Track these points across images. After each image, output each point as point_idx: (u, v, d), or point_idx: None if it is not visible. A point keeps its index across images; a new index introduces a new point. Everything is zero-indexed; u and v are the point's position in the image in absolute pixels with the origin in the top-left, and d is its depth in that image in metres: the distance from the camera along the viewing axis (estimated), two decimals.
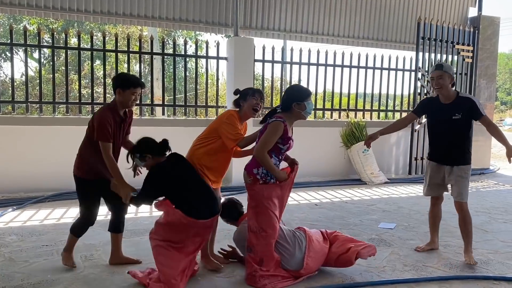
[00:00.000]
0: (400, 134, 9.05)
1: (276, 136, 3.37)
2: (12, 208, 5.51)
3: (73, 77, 13.75)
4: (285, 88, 3.82)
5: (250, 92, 3.68)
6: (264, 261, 3.40)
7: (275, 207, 3.43)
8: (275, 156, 3.45)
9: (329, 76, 8.59)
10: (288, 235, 3.59)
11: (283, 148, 3.45)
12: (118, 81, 3.55)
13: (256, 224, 3.43)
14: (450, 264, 3.95)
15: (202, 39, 16.18)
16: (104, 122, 3.38)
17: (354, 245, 3.65)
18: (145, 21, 7.48)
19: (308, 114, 3.54)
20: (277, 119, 3.40)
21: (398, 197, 6.93)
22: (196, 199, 3.24)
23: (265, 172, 3.40)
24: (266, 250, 3.41)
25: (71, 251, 3.69)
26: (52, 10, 6.81)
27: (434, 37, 8.74)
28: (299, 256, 3.50)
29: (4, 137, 6.25)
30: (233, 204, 3.89)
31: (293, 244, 3.54)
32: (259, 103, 3.65)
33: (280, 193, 3.46)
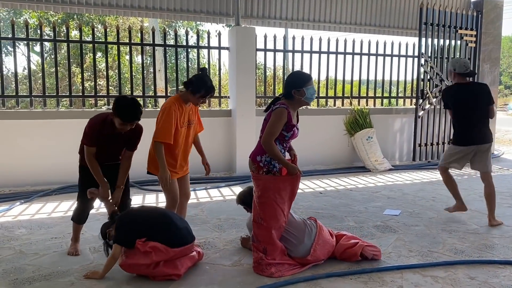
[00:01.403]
0: (404, 120, 9.04)
1: (281, 123, 3.39)
2: (20, 202, 5.56)
3: (75, 70, 13.75)
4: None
5: (203, 91, 3.70)
6: (267, 250, 3.44)
7: (281, 200, 3.45)
8: (280, 144, 3.47)
9: (332, 63, 8.58)
10: (298, 222, 3.63)
11: (287, 135, 3.46)
12: (117, 107, 3.47)
13: (257, 214, 3.48)
14: (455, 249, 3.98)
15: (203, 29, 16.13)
16: (88, 129, 3.60)
17: (361, 241, 3.72)
18: (146, 12, 7.45)
19: (309, 99, 3.51)
20: (280, 106, 3.43)
21: (402, 184, 6.94)
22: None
23: (268, 160, 3.43)
24: (268, 239, 3.44)
25: (76, 240, 3.87)
26: (53, 4, 6.78)
27: (436, 22, 8.67)
28: (308, 244, 3.54)
29: (9, 132, 6.28)
30: (250, 192, 3.87)
31: (302, 232, 3.57)
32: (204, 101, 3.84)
33: (289, 186, 3.46)
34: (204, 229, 4.53)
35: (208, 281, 3.29)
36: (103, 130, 3.55)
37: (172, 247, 3.30)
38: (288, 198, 3.51)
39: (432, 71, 8.78)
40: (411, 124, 8.91)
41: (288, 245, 3.55)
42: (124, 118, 3.44)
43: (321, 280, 3.30)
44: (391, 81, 9.20)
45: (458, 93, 4.75)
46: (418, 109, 8.64)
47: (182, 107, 3.74)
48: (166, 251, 3.27)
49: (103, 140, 3.58)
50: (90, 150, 3.59)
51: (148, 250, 3.25)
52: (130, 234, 3.30)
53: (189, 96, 3.73)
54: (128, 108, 3.46)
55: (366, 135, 8.10)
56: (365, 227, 4.63)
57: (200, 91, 3.68)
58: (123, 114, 3.43)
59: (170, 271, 3.29)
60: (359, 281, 3.29)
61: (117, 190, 3.72)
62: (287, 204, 3.51)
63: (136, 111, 3.49)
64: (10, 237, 4.26)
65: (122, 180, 3.74)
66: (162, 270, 3.28)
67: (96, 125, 3.57)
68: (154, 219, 3.42)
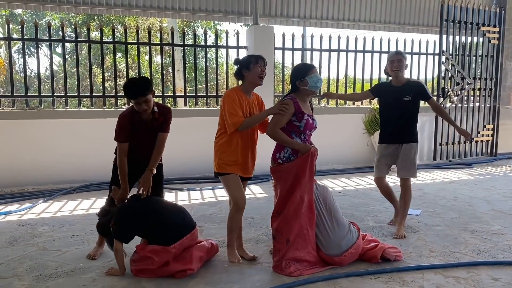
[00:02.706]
0: (424, 119, 8.90)
1: (285, 114, 3.40)
2: (43, 200, 5.68)
3: (96, 70, 13.96)
4: None
5: (253, 60, 3.51)
6: (290, 240, 3.40)
7: (299, 186, 3.40)
8: (296, 137, 3.49)
9: (351, 62, 8.51)
10: (343, 223, 3.59)
11: (300, 125, 3.46)
12: (123, 89, 3.56)
13: (277, 207, 3.49)
14: (478, 249, 3.90)
15: (221, 29, 16.17)
16: (117, 124, 3.58)
17: (382, 244, 3.68)
18: (165, 12, 7.52)
19: (314, 88, 3.50)
20: (286, 98, 3.52)
21: (423, 183, 6.85)
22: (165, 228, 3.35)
23: (287, 156, 3.46)
24: (289, 229, 3.41)
25: (100, 244, 3.81)
26: (74, 5, 6.90)
27: (458, 19, 8.51)
28: (343, 247, 3.49)
29: (32, 131, 6.41)
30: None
31: (343, 234, 3.52)
32: (264, 70, 3.52)
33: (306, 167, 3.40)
34: (223, 227, 4.51)
35: (227, 279, 3.30)
36: (133, 120, 3.54)
37: (169, 245, 3.29)
38: (308, 180, 3.43)
39: (453, 69, 8.63)
40: (431, 122, 8.77)
41: (323, 239, 3.50)
42: (128, 95, 3.46)
43: (340, 280, 3.28)
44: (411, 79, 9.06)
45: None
46: None
47: (243, 98, 3.51)
48: (165, 251, 3.28)
49: (135, 131, 3.55)
50: (122, 147, 3.56)
51: (148, 255, 3.29)
52: (128, 230, 3.32)
53: (248, 75, 3.51)
54: (128, 86, 3.46)
55: None
56: (385, 227, 4.58)
57: (250, 60, 3.51)
58: (126, 92, 3.47)
59: (181, 266, 3.31)
60: (379, 281, 3.25)
61: (147, 173, 3.53)
62: (307, 190, 3.44)
63: (135, 85, 3.42)
64: (34, 234, 4.35)
65: (154, 163, 3.57)
66: (173, 268, 3.30)
67: (124, 118, 3.56)
68: (146, 216, 3.35)
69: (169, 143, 3.81)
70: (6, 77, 13.99)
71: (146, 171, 3.56)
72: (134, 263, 3.36)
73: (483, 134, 9.20)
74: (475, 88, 9.04)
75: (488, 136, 9.25)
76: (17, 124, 6.35)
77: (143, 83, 3.46)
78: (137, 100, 3.42)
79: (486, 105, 9.20)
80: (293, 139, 3.46)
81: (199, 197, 5.99)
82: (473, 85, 8.95)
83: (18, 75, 14.29)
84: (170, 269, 3.30)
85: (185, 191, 6.27)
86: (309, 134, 3.58)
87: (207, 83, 7.95)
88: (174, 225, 3.39)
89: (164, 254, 3.28)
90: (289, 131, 3.47)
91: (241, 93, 3.53)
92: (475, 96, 9.05)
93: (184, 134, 6.98)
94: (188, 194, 6.12)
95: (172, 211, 3.53)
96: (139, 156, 3.63)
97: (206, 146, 5.00)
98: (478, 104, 9.11)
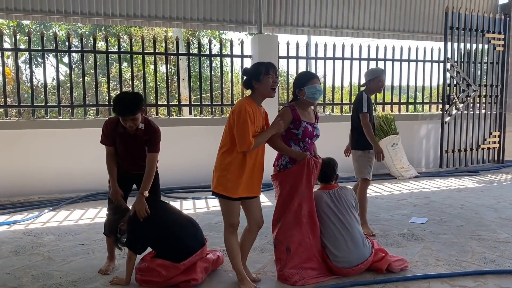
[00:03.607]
0: (429, 127, 8.88)
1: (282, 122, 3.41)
2: (48, 209, 5.70)
3: (102, 79, 14.06)
4: None
5: (263, 70, 3.18)
6: (290, 248, 3.39)
7: (297, 193, 3.39)
8: (295, 145, 3.48)
9: (355, 70, 8.51)
10: (356, 235, 3.50)
11: (298, 132, 3.45)
12: (113, 101, 3.52)
13: (275, 216, 3.50)
14: (485, 258, 3.86)
15: (226, 38, 16.26)
16: (102, 129, 3.64)
17: (388, 256, 3.63)
18: (170, 22, 7.57)
19: (311, 99, 3.48)
20: (284, 106, 3.56)
21: (429, 191, 6.80)
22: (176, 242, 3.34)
23: (284, 163, 3.48)
24: (289, 238, 3.40)
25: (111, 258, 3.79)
26: (81, 16, 6.97)
27: (463, 27, 8.51)
28: (354, 262, 3.43)
29: (38, 141, 6.45)
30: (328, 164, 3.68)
31: (355, 246, 3.45)
32: (276, 80, 3.20)
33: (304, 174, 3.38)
34: None
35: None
36: (117, 128, 3.53)
37: (179, 262, 3.29)
38: (306, 188, 3.41)
39: (458, 76, 8.61)
40: (437, 130, 8.74)
41: (334, 250, 3.45)
42: (116, 111, 3.38)
43: None
44: (416, 87, 9.06)
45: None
46: (445, 115, 8.47)
47: (255, 109, 3.21)
48: (174, 267, 3.28)
49: (119, 139, 3.56)
50: (108, 150, 3.63)
51: (157, 269, 3.28)
52: (141, 242, 3.33)
53: (259, 87, 3.21)
54: (118, 101, 3.37)
55: (391, 141, 7.98)
56: (391, 235, 4.55)
57: (260, 69, 3.19)
58: (115, 107, 3.39)
59: (185, 277, 3.30)
60: None
61: (138, 197, 3.37)
62: (305, 198, 3.42)
63: (125, 103, 3.33)
64: (39, 244, 4.36)
65: (144, 186, 3.41)
66: (178, 279, 3.30)
67: (109, 125, 3.58)
68: (160, 230, 3.34)
69: (174, 152, 3.83)
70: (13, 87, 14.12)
71: (138, 195, 3.38)
72: (141, 272, 3.36)
73: (489, 141, 9.14)
74: (481, 95, 9.00)
75: (494, 143, 9.19)
76: (24, 133, 6.39)
77: (134, 102, 3.35)
78: (124, 118, 3.36)
79: (492, 112, 9.15)
80: (291, 147, 3.45)
81: (204, 206, 5.99)
82: (478, 92, 8.91)
83: (25, 85, 14.42)
84: (175, 280, 3.30)
85: (190, 200, 6.27)
86: (310, 142, 3.54)
87: (212, 91, 7.99)
88: (186, 243, 3.38)
89: (173, 269, 3.28)
90: (287, 138, 3.47)
91: (255, 105, 3.23)
92: (481, 103, 9.01)
93: (189, 143, 7.00)
94: (193, 203, 6.12)
95: (187, 225, 3.50)
96: (130, 162, 3.63)
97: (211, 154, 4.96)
98: (484, 111, 9.06)
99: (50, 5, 6.72)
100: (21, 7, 6.60)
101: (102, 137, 3.64)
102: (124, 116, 3.35)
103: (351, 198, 3.63)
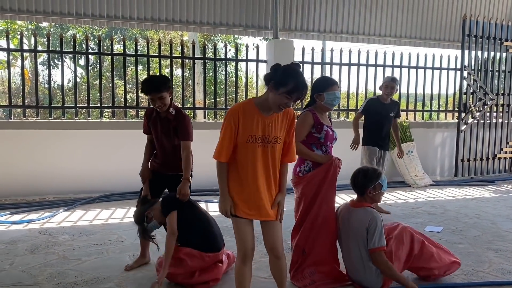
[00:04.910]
0: (445, 135, 8.78)
1: (304, 126, 3.41)
2: (63, 209, 5.75)
3: (118, 82, 14.19)
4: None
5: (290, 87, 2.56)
6: (306, 251, 3.38)
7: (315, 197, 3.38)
8: (318, 149, 3.46)
9: (371, 76, 8.47)
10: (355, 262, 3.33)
11: (320, 136, 3.43)
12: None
13: (298, 220, 3.47)
14: (502, 269, 3.80)
15: (241, 43, 16.32)
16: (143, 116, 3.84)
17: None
18: (186, 26, 7.63)
19: (329, 105, 3.48)
20: (304, 111, 3.51)
21: (444, 200, 6.72)
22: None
23: (307, 169, 3.44)
24: (310, 242, 3.38)
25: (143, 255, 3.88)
26: (99, 18, 7.06)
27: (480, 34, 8.42)
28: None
29: (54, 141, 6.53)
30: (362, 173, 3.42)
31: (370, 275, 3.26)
32: (289, 105, 2.62)
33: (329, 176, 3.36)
34: None
35: None
36: (151, 114, 3.73)
37: (206, 252, 3.32)
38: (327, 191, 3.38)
39: (475, 84, 8.51)
40: (453, 138, 8.64)
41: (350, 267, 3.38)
42: (143, 90, 3.59)
43: None
44: (432, 95, 8.98)
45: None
46: (461, 123, 8.38)
47: (254, 114, 2.65)
48: (200, 257, 3.29)
49: (153, 128, 3.71)
50: (147, 137, 3.84)
51: (182, 257, 3.29)
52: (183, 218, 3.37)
53: (270, 93, 2.61)
54: (145, 81, 3.63)
55: (406, 149, 7.90)
56: None
57: (287, 83, 2.55)
58: (142, 87, 3.61)
59: (207, 277, 3.32)
60: None
61: (182, 182, 3.53)
62: (326, 201, 3.40)
63: (152, 82, 3.57)
64: (54, 243, 4.40)
65: (186, 172, 3.59)
66: (199, 279, 3.30)
67: (147, 111, 3.81)
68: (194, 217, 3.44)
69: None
70: (30, 88, 14.33)
71: (182, 180, 3.55)
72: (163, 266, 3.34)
73: (506, 151, 9.01)
74: (498, 104, 8.89)
75: (511, 153, 9.06)
76: (41, 134, 6.48)
77: (160, 81, 3.57)
78: (150, 96, 3.53)
79: (509, 121, 9.03)
80: (313, 151, 3.44)
81: (217, 209, 5.97)
82: (495, 100, 8.80)
83: (42, 87, 14.63)
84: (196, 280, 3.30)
85: (203, 203, 6.28)
86: (330, 145, 3.54)
87: (226, 96, 8.01)
88: (214, 234, 3.44)
89: (197, 259, 3.29)
90: (309, 143, 3.45)
91: (254, 109, 2.67)
92: (497, 112, 8.90)
93: (203, 146, 6.99)
94: (206, 206, 6.12)
95: (213, 221, 3.59)
96: (161, 157, 3.75)
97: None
98: (501, 120, 8.95)
99: (70, 7, 6.83)
100: (42, 9, 6.71)
101: (144, 124, 3.82)
102: (150, 94, 3.51)
103: (359, 225, 3.26)
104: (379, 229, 3.16)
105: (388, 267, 3.11)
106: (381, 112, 5.71)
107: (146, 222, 3.42)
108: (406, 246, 3.34)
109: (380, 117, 5.70)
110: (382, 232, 3.18)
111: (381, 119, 5.71)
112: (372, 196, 3.33)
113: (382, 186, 3.35)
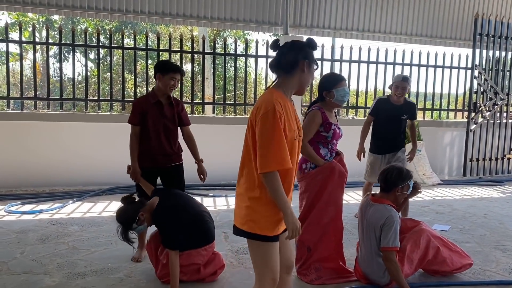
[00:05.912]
0: (454, 134, 8.74)
1: (313, 125, 3.39)
2: (73, 200, 5.82)
3: (127, 76, 14.27)
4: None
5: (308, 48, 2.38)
6: (311, 248, 3.40)
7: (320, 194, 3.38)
8: (324, 147, 3.46)
9: (380, 74, 8.44)
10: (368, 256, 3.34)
11: (328, 135, 3.43)
12: (159, 67, 3.75)
13: (302, 216, 3.47)
14: (509, 268, 3.80)
15: (250, 38, 16.31)
16: (132, 106, 3.75)
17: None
18: (197, 21, 7.64)
19: (340, 101, 3.45)
20: (313, 109, 3.46)
21: (451, 199, 6.70)
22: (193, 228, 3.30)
23: (313, 166, 3.43)
24: (315, 239, 3.39)
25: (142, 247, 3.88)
26: (110, 12, 7.09)
27: (492, 33, 8.35)
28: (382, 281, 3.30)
29: (64, 133, 6.60)
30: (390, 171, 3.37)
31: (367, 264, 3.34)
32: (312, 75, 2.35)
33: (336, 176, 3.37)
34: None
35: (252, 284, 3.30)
36: (148, 100, 3.70)
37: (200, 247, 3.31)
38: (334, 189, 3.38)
39: (486, 83, 8.46)
40: (462, 138, 8.60)
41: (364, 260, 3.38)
42: (166, 67, 3.66)
43: None
44: (442, 93, 8.93)
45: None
46: (470, 123, 8.33)
47: (287, 104, 2.21)
48: (198, 253, 3.29)
49: (151, 114, 3.64)
50: (134, 130, 3.71)
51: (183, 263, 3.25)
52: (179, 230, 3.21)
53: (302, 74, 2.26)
54: (166, 61, 3.93)
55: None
56: None
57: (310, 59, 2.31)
58: (164, 65, 3.72)
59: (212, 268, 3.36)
60: None
61: (199, 165, 3.91)
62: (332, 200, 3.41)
63: (174, 63, 3.86)
64: (64, 233, 4.46)
65: (196, 154, 3.93)
66: (206, 272, 3.34)
67: (138, 100, 3.82)
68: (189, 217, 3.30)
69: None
70: (41, 81, 14.45)
71: (198, 164, 3.91)
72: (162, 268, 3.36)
73: None
74: (509, 104, 8.82)
75: None
76: (51, 126, 6.55)
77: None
78: (171, 75, 3.62)
79: None
80: (319, 149, 3.43)
81: (224, 203, 6.03)
82: (506, 100, 8.74)
83: (52, 79, 14.74)
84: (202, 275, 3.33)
85: (211, 197, 6.32)
86: (335, 143, 3.55)
87: (236, 91, 8.03)
88: (210, 228, 3.39)
89: (197, 256, 3.28)
90: (316, 142, 3.44)
91: (285, 100, 2.22)
92: (508, 112, 8.83)
93: (211, 141, 7.05)
94: (214, 200, 6.17)
95: (207, 215, 3.47)
96: (158, 145, 3.69)
97: (232, 153, 5.03)
98: (511, 120, 8.88)
99: (81, 1, 6.87)
100: (54, 2, 6.75)
101: (131, 116, 3.72)
102: (175, 72, 3.65)
103: (375, 220, 3.25)
104: (395, 229, 3.16)
105: (395, 268, 3.11)
106: (389, 114, 4.98)
107: (137, 223, 3.20)
108: (421, 250, 3.34)
109: (387, 120, 5.00)
110: (397, 232, 3.18)
111: (389, 121, 4.99)
112: (397, 195, 3.33)
113: (409, 188, 3.37)
